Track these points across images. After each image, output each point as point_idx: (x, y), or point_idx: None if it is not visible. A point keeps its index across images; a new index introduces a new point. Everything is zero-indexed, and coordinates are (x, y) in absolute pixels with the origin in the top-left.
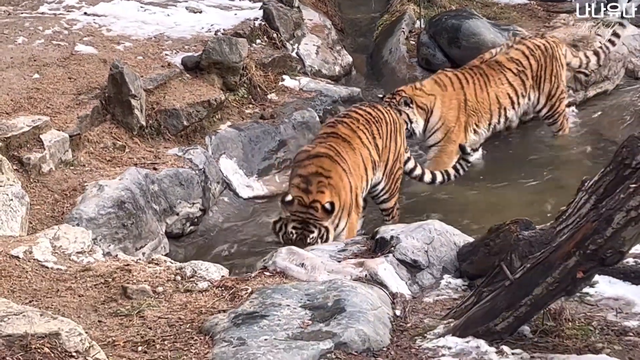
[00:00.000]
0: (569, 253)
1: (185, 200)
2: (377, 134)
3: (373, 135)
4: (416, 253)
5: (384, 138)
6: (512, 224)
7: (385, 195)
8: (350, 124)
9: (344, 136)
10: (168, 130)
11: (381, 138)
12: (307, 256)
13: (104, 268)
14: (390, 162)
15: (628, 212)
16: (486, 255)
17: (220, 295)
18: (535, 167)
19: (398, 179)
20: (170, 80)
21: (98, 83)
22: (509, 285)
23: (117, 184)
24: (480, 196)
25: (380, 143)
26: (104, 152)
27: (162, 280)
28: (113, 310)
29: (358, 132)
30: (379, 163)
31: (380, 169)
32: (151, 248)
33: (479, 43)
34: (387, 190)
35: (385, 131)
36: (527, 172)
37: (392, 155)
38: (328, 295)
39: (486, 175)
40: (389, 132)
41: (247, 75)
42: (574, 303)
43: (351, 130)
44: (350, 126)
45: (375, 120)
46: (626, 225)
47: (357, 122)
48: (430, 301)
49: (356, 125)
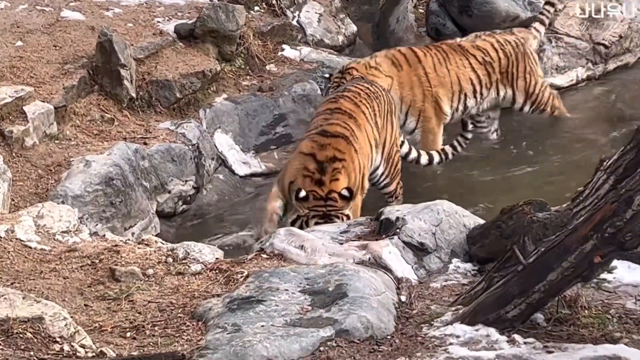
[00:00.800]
0: (585, 236)
1: (177, 177)
2: (378, 111)
3: (374, 112)
4: (423, 235)
5: (383, 117)
6: (526, 205)
7: (386, 180)
8: (353, 99)
9: (350, 112)
10: (160, 103)
11: (380, 117)
12: (307, 238)
13: (90, 249)
14: (387, 145)
15: None
16: (498, 238)
17: (214, 279)
18: (551, 144)
19: (397, 162)
20: (162, 50)
21: (85, 52)
22: (521, 270)
23: (105, 159)
24: (492, 176)
25: (380, 122)
26: (91, 125)
27: (153, 262)
28: (100, 293)
29: (362, 107)
30: (379, 143)
31: (379, 150)
32: (141, 228)
33: (491, 12)
34: (387, 174)
35: (383, 110)
36: (541, 150)
37: (390, 137)
38: (329, 280)
39: (498, 153)
40: (386, 112)
41: (244, 45)
42: (591, 290)
43: (355, 105)
44: (353, 100)
45: (375, 97)
46: None
47: (359, 96)
48: (438, 286)
49: (359, 99)
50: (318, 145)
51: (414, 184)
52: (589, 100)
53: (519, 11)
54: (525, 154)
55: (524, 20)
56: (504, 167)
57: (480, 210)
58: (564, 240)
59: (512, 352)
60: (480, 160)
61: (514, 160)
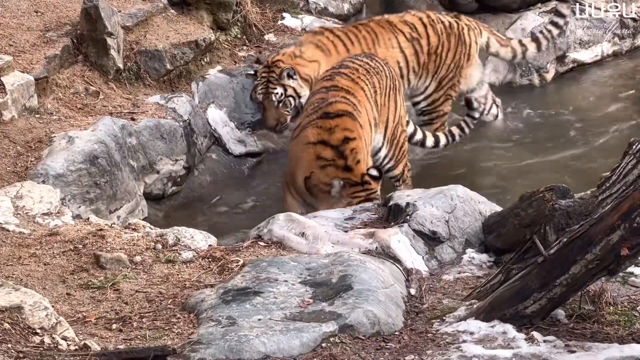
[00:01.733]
0: (612, 226)
1: (167, 156)
2: (378, 87)
3: (374, 89)
4: (435, 223)
5: (383, 95)
6: (547, 192)
7: (390, 163)
8: (350, 75)
9: (347, 88)
10: (149, 75)
11: (380, 94)
12: (308, 224)
13: (73, 233)
14: (390, 125)
15: None
16: (516, 227)
17: (207, 267)
18: (574, 126)
19: (403, 143)
20: (152, 17)
21: (69, 18)
22: (542, 262)
23: (90, 135)
24: (511, 159)
25: (380, 99)
26: (74, 98)
27: (141, 248)
28: (84, 281)
29: (360, 84)
30: (379, 122)
31: (379, 130)
32: (127, 211)
33: None
34: (390, 157)
35: (385, 87)
36: (564, 131)
37: (393, 117)
38: (332, 271)
39: (517, 135)
40: (389, 88)
41: (241, 12)
42: (617, 284)
43: (352, 81)
44: (350, 77)
45: (376, 72)
46: None
47: (356, 72)
48: (451, 279)
49: (356, 75)
50: (325, 130)
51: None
52: (614, 78)
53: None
54: (546, 135)
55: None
56: (523, 149)
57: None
58: (589, 230)
59: (531, 350)
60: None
61: (534, 141)
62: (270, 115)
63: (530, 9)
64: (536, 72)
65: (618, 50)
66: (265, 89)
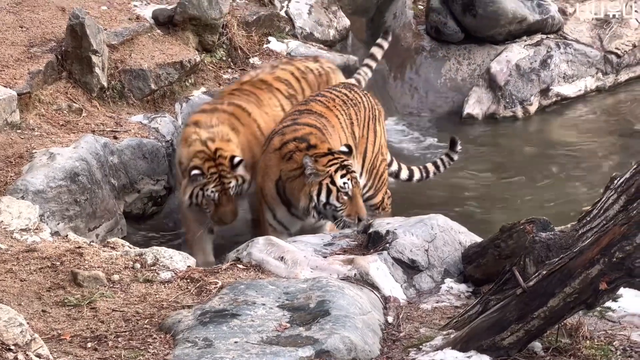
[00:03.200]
0: (592, 260)
1: (148, 176)
2: (355, 118)
3: (351, 120)
4: (415, 252)
5: (361, 126)
6: (527, 224)
7: (370, 192)
8: (326, 103)
9: (321, 113)
10: (132, 94)
11: (358, 126)
12: (287, 249)
13: (51, 249)
14: (369, 155)
15: None
16: (496, 258)
17: (185, 288)
18: (556, 159)
19: (383, 172)
20: (138, 36)
21: (54, 34)
22: (520, 293)
23: (71, 152)
24: (492, 190)
25: (357, 131)
26: (57, 115)
27: (119, 267)
28: (60, 299)
29: (335, 112)
30: (355, 154)
31: (357, 161)
32: (106, 229)
33: (497, 12)
34: (370, 186)
35: (363, 118)
36: (545, 164)
37: (372, 147)
38: (310, 296)
39: (499, 166)
40: (367, 119)
41: (227, 35)
42: (594, 318)
43: (327, 108)
44: (326, 104)
45: (353, 104)
46: None
47: (332, 101)
48: (428, 308)
49: (332, 104)
50: (289, 131)
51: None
52: (597, 113)
53: (527, 13)
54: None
55: (531, 23)
56: (504, 181)
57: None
58: (568, 263)
59: None
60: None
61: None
62: (229, 211)
63: (516, 41)
64: (520, 105)
65: (601, 86)
66: (221, 185)
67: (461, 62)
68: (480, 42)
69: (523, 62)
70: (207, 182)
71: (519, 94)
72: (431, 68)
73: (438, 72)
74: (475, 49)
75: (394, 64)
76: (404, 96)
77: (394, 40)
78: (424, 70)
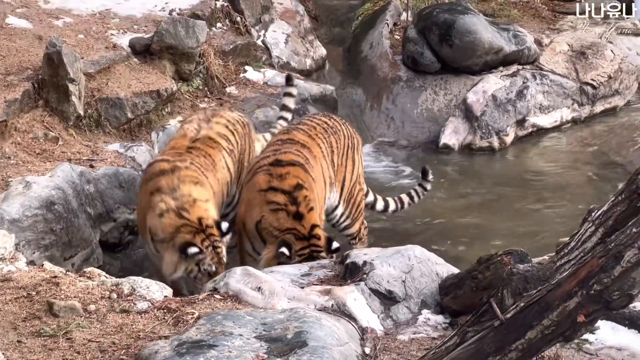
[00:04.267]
0: (569, 293)
1: (124, 204)
2: (335, 147)
3: (331, 149)
4: (392, 283)
5: (340, 155)
6: (505, 255)
7: (347, 222)
8: (307, 131)
9: (303, 143)
10: (109, 123)
11: (337, 154)
12: (265, 279)
13: (27, 279)
14: (347, 184)
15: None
16: (473, 289)
17: (162, 319)
18: (533, 191)
19: (360, 202)
20: (115, 65)
21: (31, 63)
22: (498, 325)
23: (47, 181)
24: (469, 221)
25: (336, 159)
26: (33, 143)
27: (95, 297)
28: (36, 329)
29: (317, 140)
30: (334, 182)
31: (335, 189)
32: (82, 258)
33: (474, 43)
34: (347, 215)
35: (342, 146)
36: (523, 196)
37: (350, 176)
38: (288, 326)
39: (476, 198)
40: (346, 147)
41: (203, 64)
42: (571, 350)
43: (309, 137)
44: (308, 133)
45: (333, 132)
46: (637, 264)
47: (314, 129)
48: (405, 339)
49: (314, 132)
50: (275, 176)
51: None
52: (573, 144)
53: (503, 44)
54: (503, 201)
55: (508, 54)
56: (481, 212)
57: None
58: (546, 295)
59: None
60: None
61: (493, 204)
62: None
63: (492, 71)
64: (496, 135)
65: (577, 117)
66: (217, 255)
67: (438, 92)
68: (456, 73)
69: (499, 93)
70: (204, 257)
71: (495, 124)
72: (408, 98)
73: (414, 102)
74: (451, 79)
75: (371, 93)
76: (380, 126)
77: (370, 70)
78: (400, 100)
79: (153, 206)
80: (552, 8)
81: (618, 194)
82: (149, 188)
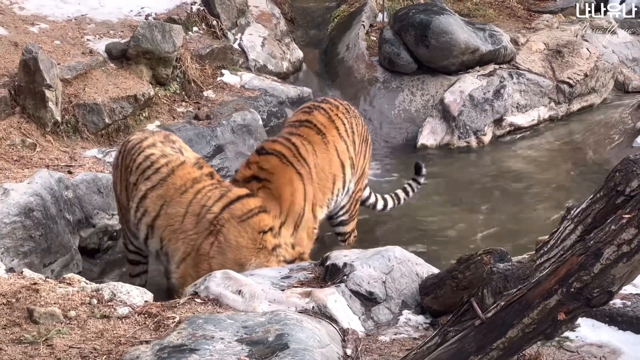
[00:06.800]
0: (550, 291)
1: (103, 210)
2: (355, 128)
3: (352, 129)
4: (372, 284)
5: (359, 142)
6: (485, 255)
7: (345, 217)
8: (328, 111)
9: (319, 126)
10: (87, 128)
11: (358, 137)
12: (245, 282)
13: (6, 286)
14: (356, 177)
15: (619, 246)
16: (453, 289)
17: (142, 324)
18: (510, 189)
19: (358, 200)
20: (91, 70)
21: (7, 70)
22: (479, 325)
23: (25, 188)
24: (448, 221)
25: (357, 141)
26: (10, 150)
27: (75, 303)
28: (16, 336)
29: (336, 122)
30: (355, 165)
31: (355, 173)
32: (62, 264)
33: (450, 43)
34: (347, 210)
35: (360, 132)
36: (500, 194)
37: (360, 170)
38: (269, 329)
39: (454, 198)
40: (362, 139)
41: (180, 68)
42: (552, 348)
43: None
44: (328, 114)
45: (354, 115)
46: (617, 261)
47: (336, 109)
48: (387, 340)
49: (335, 112)
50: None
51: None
52: (551, 142)
53: (479, 43)
54: (482, 200)
55: (484, 54)
56: (460, 212)
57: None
58: (526, 294)
59: None
60: (434, 205)
61: (471, 204)
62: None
63: (469, 71)
64: (473, 135)
65: (554, 115)
66: None
67: (415, 93)
68: (433, 73)
69: (476, 93)
70: None
71: (473, 124)
72: (385, 99)
73: (392, 103)
74: (428, 80)
75: (348, 95)
76: None
77: (347, 72)
78: (377, 102)
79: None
80: (528, 7)
81: (596, 192)
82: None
